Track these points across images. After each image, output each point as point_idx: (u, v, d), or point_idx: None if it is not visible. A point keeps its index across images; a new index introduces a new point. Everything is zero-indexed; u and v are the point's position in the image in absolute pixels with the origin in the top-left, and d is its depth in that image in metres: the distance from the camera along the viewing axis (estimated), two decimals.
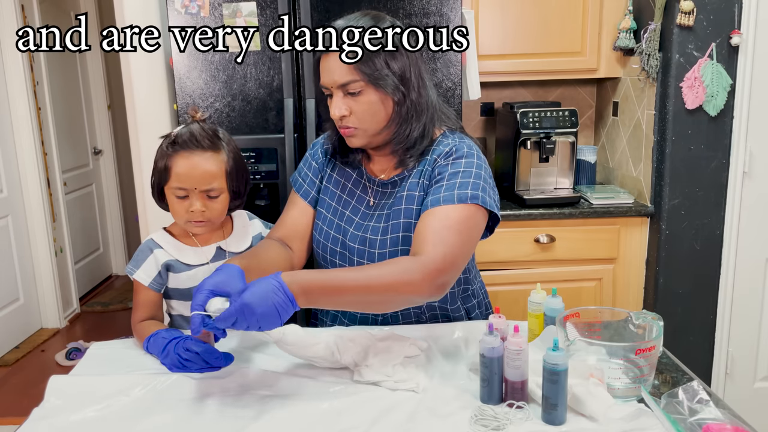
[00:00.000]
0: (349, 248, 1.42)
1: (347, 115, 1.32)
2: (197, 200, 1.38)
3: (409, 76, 1.32)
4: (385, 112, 1.32)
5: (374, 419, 1.07)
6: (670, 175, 2.43)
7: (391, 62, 1.29)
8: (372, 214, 1.43)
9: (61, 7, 4.25)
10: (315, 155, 1.55)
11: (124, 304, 4.25)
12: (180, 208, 1.39)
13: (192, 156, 1.37)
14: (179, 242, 1.45)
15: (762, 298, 2.51)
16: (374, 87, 1.29)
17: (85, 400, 1.15)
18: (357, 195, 1.47)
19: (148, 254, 1.43)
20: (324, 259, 1.48)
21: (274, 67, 2.24)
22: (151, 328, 1.35)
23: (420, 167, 1.38)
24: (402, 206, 1.38)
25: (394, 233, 1.37)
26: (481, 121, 3.02)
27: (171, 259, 1.43)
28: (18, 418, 1.07)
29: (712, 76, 2.33)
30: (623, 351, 1.11)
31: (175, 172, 1.37)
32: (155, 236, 1.46)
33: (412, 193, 1.38)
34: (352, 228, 1.43)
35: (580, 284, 2.56)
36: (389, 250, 1.37)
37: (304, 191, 1.52)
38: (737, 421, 1.01)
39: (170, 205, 1.41)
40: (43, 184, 3.84)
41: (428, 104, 1.37)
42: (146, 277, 1.42)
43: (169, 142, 1.39)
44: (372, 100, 1.31)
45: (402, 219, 1.37)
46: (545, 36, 2.63)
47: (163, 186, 1.41)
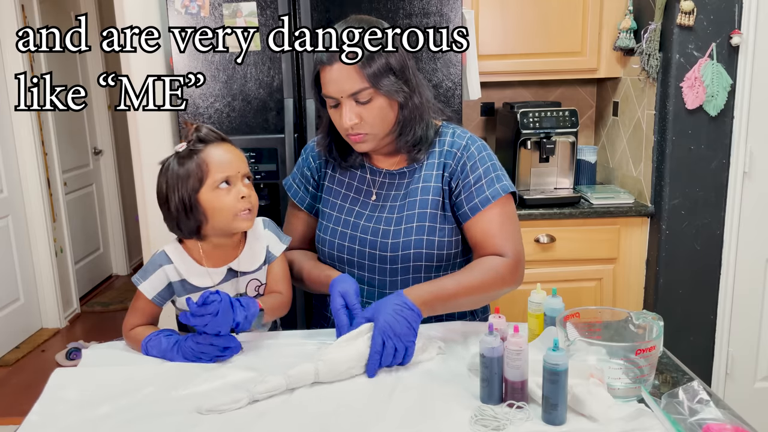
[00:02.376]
0: (361, 241, 1.43)
1: (358, 122, 1.34)
2: (243, 186, 1.32)
3: (410, 77, 1.36)
4: (393, 115, 1.36)
5: (374, 419, 1.07)
6: (671, 175, 2.43)
7: (393, 65, 1.32)
8: (382, 205, 1.45)
9: (61, 8, 4.25)
10: (306, 162, 1.55)
11: (124, 304, 4.26)
12: (228, 200, 1.30)
13: (222, 144, 1.34)
14: (193, 260, 1.37)
15: (762, 298, 2.51)
16: (382, 92, 1.31)
17: (88, 394, 1.15)
18: (362, 189, 1.48)
19: (157, 269, 1.37)
20: (331, 256, 1.47)
21: (274, 67, 2.24)
22: (146, 333, 1.34)
23: (433, 159, 1.42)
24: (418, 197, 1.41)
25: (410, 223, 1.40)
26: (481, 121, 3.02)
27: (178, 280, 1.37)
28: (18, 418, 1.07)
29: (712, 76, 2.33)
30: (623, 351, 1.11)
31: (214, 163, 1.30)
32: (168, 249, 1.38)
33: (427, 184, 1.42)
34: (363, 221, 1.44)
35: (580, 284, 2.56)
36: (403, 240, 1.39)
37: (300, 198, 1.55)
38: (737, 421, 1.00)
39: (214, 204, 1.30)
40: (43, 184, 3.84)
41: (427, 101, 1.41)
42: (151, 290, 1.37)
43: (195, 141, 1.32)
44: (382, 105, 1.33)
45: (417, 210, 1.40)
46: (545, 36, 2.63)
47: (196, 193, 1.30)
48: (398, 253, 1.39)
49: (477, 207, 1.38)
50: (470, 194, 1.39)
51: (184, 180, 1.30)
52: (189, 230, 1.33)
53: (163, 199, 1.32)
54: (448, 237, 1.41)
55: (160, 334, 1.32)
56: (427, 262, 1.40)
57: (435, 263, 1.41)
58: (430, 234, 1.39)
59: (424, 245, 1.39)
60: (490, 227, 1.38)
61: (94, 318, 4.21)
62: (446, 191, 1.41)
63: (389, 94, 1.32)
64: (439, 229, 1.40)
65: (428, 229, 1.39)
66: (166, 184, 1.31)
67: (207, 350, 1.26)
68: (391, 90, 1.31)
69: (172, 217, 1.33)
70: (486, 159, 1.41)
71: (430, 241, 1.39)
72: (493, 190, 1.39)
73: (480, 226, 1.39)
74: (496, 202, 1.38)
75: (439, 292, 1.30)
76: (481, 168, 1.40)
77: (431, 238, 1.39)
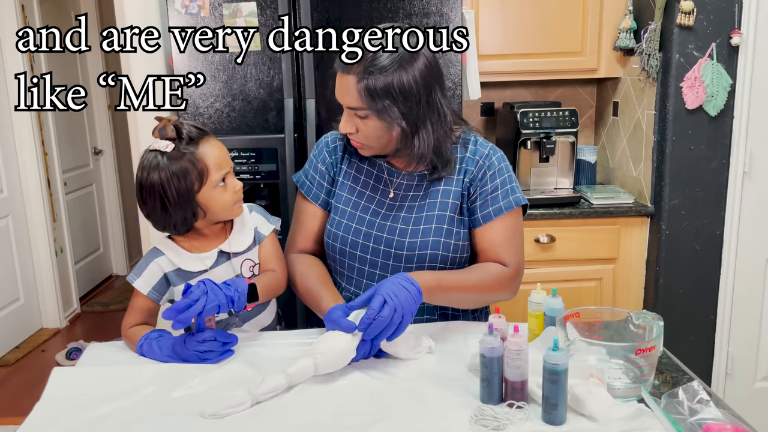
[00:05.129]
0: (376, 238, 1.43)
1: (354, 133, 1.36)
2: (235, 180, 1.36)
3: (414, 105, 1.31)
4: (390, 136, 1.36)
5: (374, 419, 1.07)
6: (670, 175, 2.43)
7: (395, 89, 1.28)
8: (399, 205, 1.45)
9: (61, 8, 4.25)
10: (320, 156, 1.53)
11: (124, 304, 4.25)
12: (227, 195, 1.34)
13: (211, 140, 1.35)
14: (183, 249, 1.39)
15: (762, 298, 2.51)
16: (379, 118, 1.31)
17: (88, 394, 1.15)
18: (379, 188, 1.48)
19: (150, 263, 1.38)
20: (342, 252, 1.47)
21: (274, 67, 2.24)
22: (142, 333, 1.34)
23: (455, 164, 1.43)
24: (438, 199, 1.43)
25: (428, 224, 1.41)
26: (481, 121, 3.02)
27: (172, 270, 1.38)
28: (18, 418, 1.07)
29: (712, 76, 2.33)
30: (623, 351, 1.11)
31: (212, 163, 1.31)
32: (159, 244, 1.41)
33: (448, 188, 1.43)
34: (379, 219, 1.45)
35: (580, 284, 2.56)
36: (420, 240, 1.40)
37: (314, 194, 1.52)
38: (737, 421, 1.00)
39: (213, 201, 1.33)
40: (43, 184, 3.84)
41: (439, 112, 1.36)
42: (146, 285, 1.38)
43: (186, 141, 1.30)
44: (377, 126, 1.33)
45: (437, 212, 1.42)
46: (545, 36, 2.63)
47: (196, 192, 1.31)
48: (414, 252, 1.41)
49: (490, 216, 1.42)
50: (485, 202, 1.42)
51: (182, 179, 1.29)
52: (185, 227, 1.35)
53: (155, 199, 1.30)
54: (462, 241, 1.43)
55: (149, 337, 1.32)
56: (440, 264, 1.41)
57: (447, 266, 1.42)
58: (447, 237, 1.41)
59: (440, 247, 1.40)
60: (498, 237, 1.42)
61: (94, 318, 4.21)
62: (465, 196, 1.44)
63: (384, 120, 1.31)
64: (455, 232, 1.42)
65: (446, 231, 1.41)
66: (161, 183, 1.29)
67: (212, 347, 1.26)
68: (385, 116, 1.30)
69: (165, 216, 1.32)
70: (504, 170, 1.44)
71: (446, 244, 1.41)
72: (506, 201, 1.42)
73: (489, 234, 1.42)
74: (507, 214, 1.42)
75: (440, 282, 1.33)
76: (498, 178, 1.43)
77: (447, 241, 1.41)
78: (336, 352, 1.18)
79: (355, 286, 1.47)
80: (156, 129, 1.32)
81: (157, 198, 1.30)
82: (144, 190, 1.31)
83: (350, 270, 1.47)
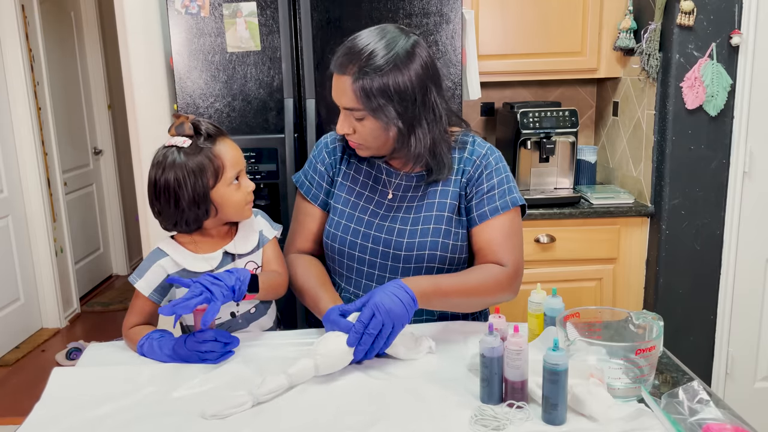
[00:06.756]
0: (374, 239, 1.43)
1: (351, 134, 1.36)
2: (248, 180, 1.37)
3: (410, 106, 1.32)
4: (387, 136, 1.36)
5: (373, 418, 1.07)
6: (670, 175, 2.43)
7: (391, 89, 1.28)
8: (398, 206, 1.45)
9: (61, 8, 4.25)
10: (320, 156, 1.54)
11: (124, 304, 4.26)
12: (240, 195, 1.35)
13: (226, 139, 1.35)
14: (186, 250, 1.38)
15: (762, 298, 2.51)
16: (376, 118, 1.32)
17: (88, 394, 1.15)
18: (377, 189, 1.48)
19: (152, 264, 1.37)
20: (341, 252, 1.47)
21: (274, 67, 2.24)
22: (144, 333, 1.34)
23: (453, 165, 1.43)
24: (436, 199, 1.43)
25: (427, 224, 1.41)
26: (481, 121, 3.02)
27: (177, 271, 1.37)
28: (18, 418, 1.07)
29: (712, 76, 2.33)
30: (623, 351, 1.11)
31: (228, 161, 1.32)
32: (162, 245, 1.39)
33: (446, 188, 1.43)
34: (378, 220, 1.45)
35: (580, 284, 2.56)
36: (419, 240, 1.40)
37: (313, 195, 1.53)
38: (737, 421, 1.00)
39: (226, 199, 1.33)
40: (43, 184, 3.84)
41: (435, 112, 1.36)
42: (147, 287, 1.37)
43: (205, 137, 1.31)
44: (374, 126, 1.34)
45: (435, 212, 1.42)
46: (545, 36, 2.63)
47: (210, 189, 1.31)
48: (412, 253, 1.41)
49: (485, 215, 1.41)
50: (481, 201, 1.41)
51: (198, 175, 1.29)
52: (196, 224, 1.34)
53: (169, 195, 1.30)
54: (461, 241, 1.43)
55: (151, 337, 1.32)
56: (438, 264, 1.42)
57: (446, 266, 1.43)
58: (445, 237, 1.41)
59: (438, 248, 1.40)
60: (495, 236, 1.40)
61: (94, 318, 4.21)
62: (463, 196, 1.43)
63: (380, 120, 1.32)
64: (454, 232, 1.42)
65: (444, 232, 1.41)
66: (176, 179, 1.28)
67: (213, 347, 1.26)
68: (381, 117, 1.31)
69: (177, 212, 1.31)
70: (501, 170, 1.44)
71: (445, 244, 1.41)
72: (503, 201, 1.41)
73: (486, 234, 1.41)
74: (504, 213, 1.41)
75: (437, 287, 1.31)
76: (495, 178, 1.42)
77: (446, 241, 1.41)
78: (336, 354, 1.19)
79: (354, 287, 1.48)
80: (173, 126, 1.32)
81: (171, 194, 1.30)
82: (158, 186, 1.31)
83: (349, 270, 1.47)
